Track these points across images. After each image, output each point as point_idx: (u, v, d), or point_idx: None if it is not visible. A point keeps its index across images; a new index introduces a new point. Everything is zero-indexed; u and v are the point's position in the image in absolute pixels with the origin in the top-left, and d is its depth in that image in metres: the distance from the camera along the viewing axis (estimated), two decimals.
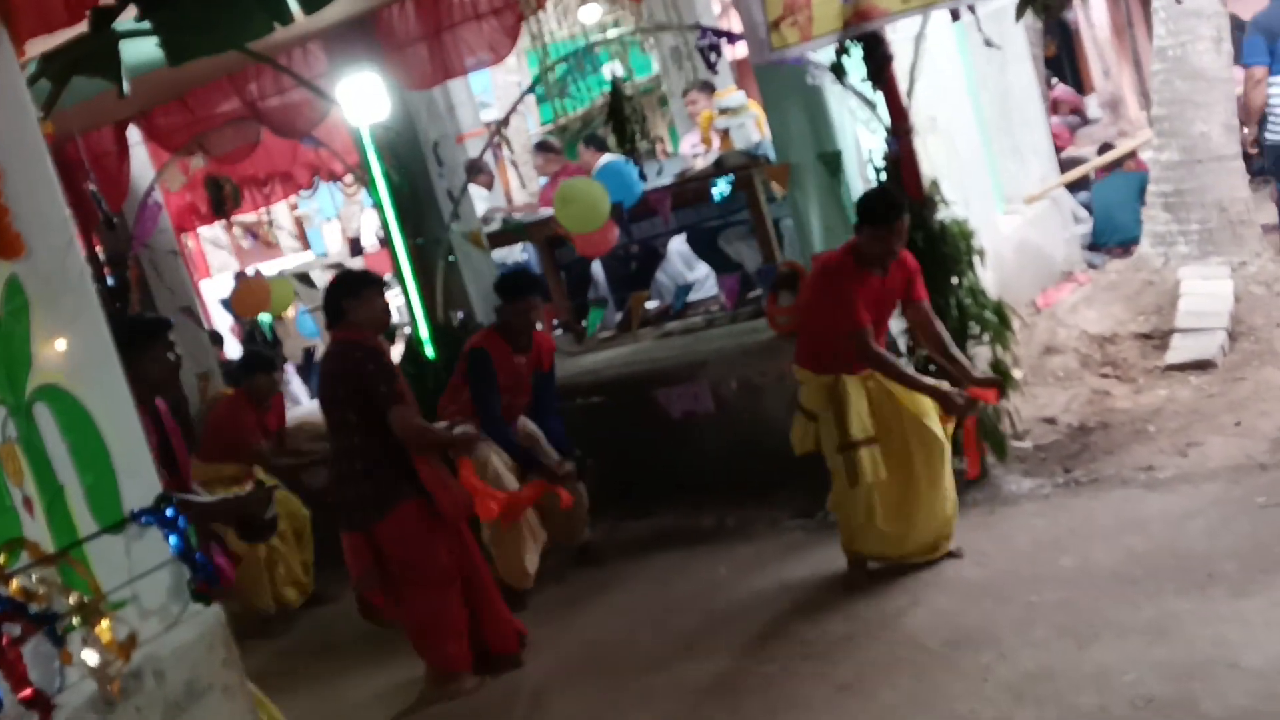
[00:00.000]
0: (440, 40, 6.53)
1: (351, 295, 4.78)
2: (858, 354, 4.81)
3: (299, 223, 22.59)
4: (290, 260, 16.04)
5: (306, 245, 22.55)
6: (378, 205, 7.02)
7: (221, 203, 7.75)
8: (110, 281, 8.12)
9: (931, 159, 6.34)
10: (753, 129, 7.20)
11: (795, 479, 6.30)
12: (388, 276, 7.60)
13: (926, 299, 5.02)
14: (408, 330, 7.22)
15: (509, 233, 7.61)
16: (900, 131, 5.60)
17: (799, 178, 5.95)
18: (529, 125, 13.74)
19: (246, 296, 8.14)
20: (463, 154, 10.99)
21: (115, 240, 8.14)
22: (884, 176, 5.66)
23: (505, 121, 6.71)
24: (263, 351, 6.58)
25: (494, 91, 14.27)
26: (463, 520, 5.01)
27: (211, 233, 15.21)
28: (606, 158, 8.45)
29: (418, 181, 6.97)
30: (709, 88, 7.87)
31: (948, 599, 4.72)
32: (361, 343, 4.78)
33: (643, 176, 6.41)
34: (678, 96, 9.61)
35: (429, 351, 6.99)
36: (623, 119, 6.09)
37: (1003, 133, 8.15)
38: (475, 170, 9.38)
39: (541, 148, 9.52)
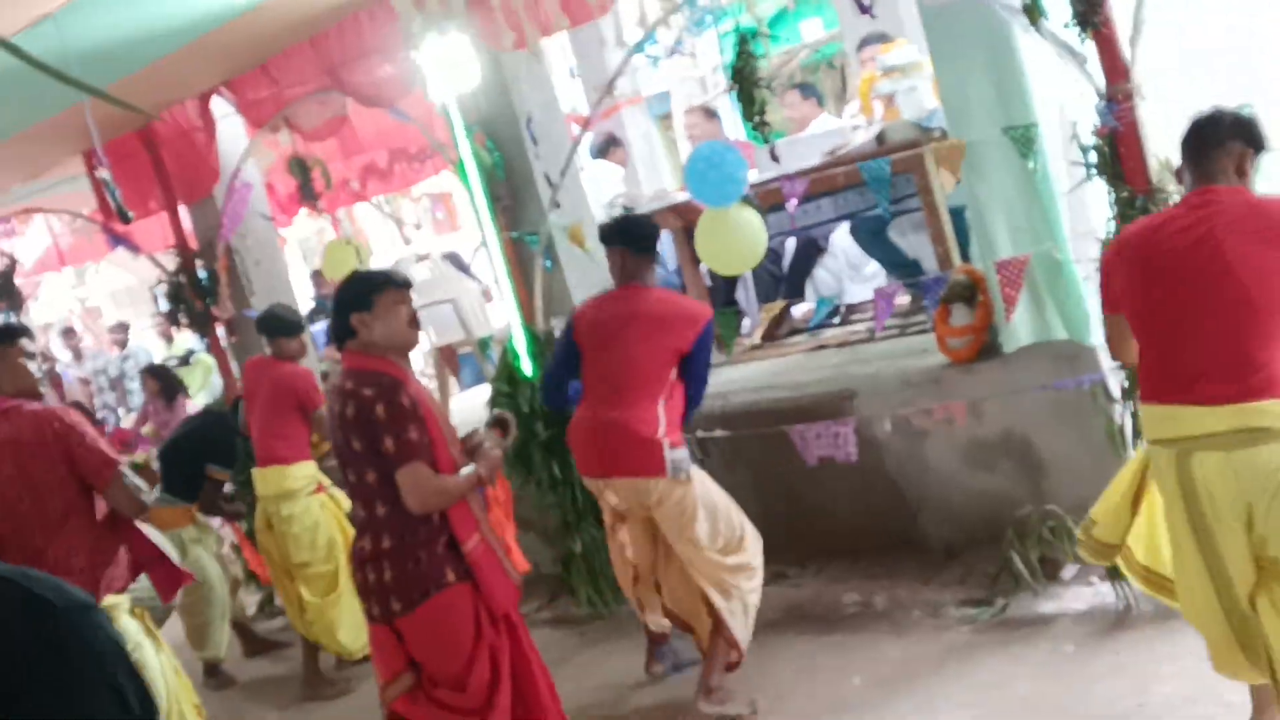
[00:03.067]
0: None
1: (360, 306, 3.58)
2: None
3: None
4: (452, 242, 15.10)
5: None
6: (469, 192, 5.88)
7: (309, 185, 6.77)
8: (201, 275, 7.30)
9: (1163, 132, 4.74)
10: (927, 94, 5.70)
11: (966, 553, 4.90)
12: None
13: None
14: (503, 341, 6.06)
15: None
16: (1119, 95, 4.05)
17: (978, 159, 4.48)
18: (698, 91, 12.38)
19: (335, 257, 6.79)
20: (618, 127, 9.84)
21: (205, 228, 7.30)
22: (1094, 157, 4.14)
23: (611, 83, 5.45)
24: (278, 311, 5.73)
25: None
26: (512, 611, 3.73)
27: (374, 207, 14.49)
28: (823, 117, 6.97)
29: (513, 164, 5.79)
30: (883, 40, 6.36)
31: None
32: (376, 374, 3.58)
33: (774, 157, 5.03)
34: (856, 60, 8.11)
35: (525, 367, 5.83)
36: (750, 83, 4.71)
37: (1256, 95, 6.35)
38: (609, 145, 8.17)
39: (698, 110, 8.09)
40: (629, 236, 4.44)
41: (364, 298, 3.50)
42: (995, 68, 4.34)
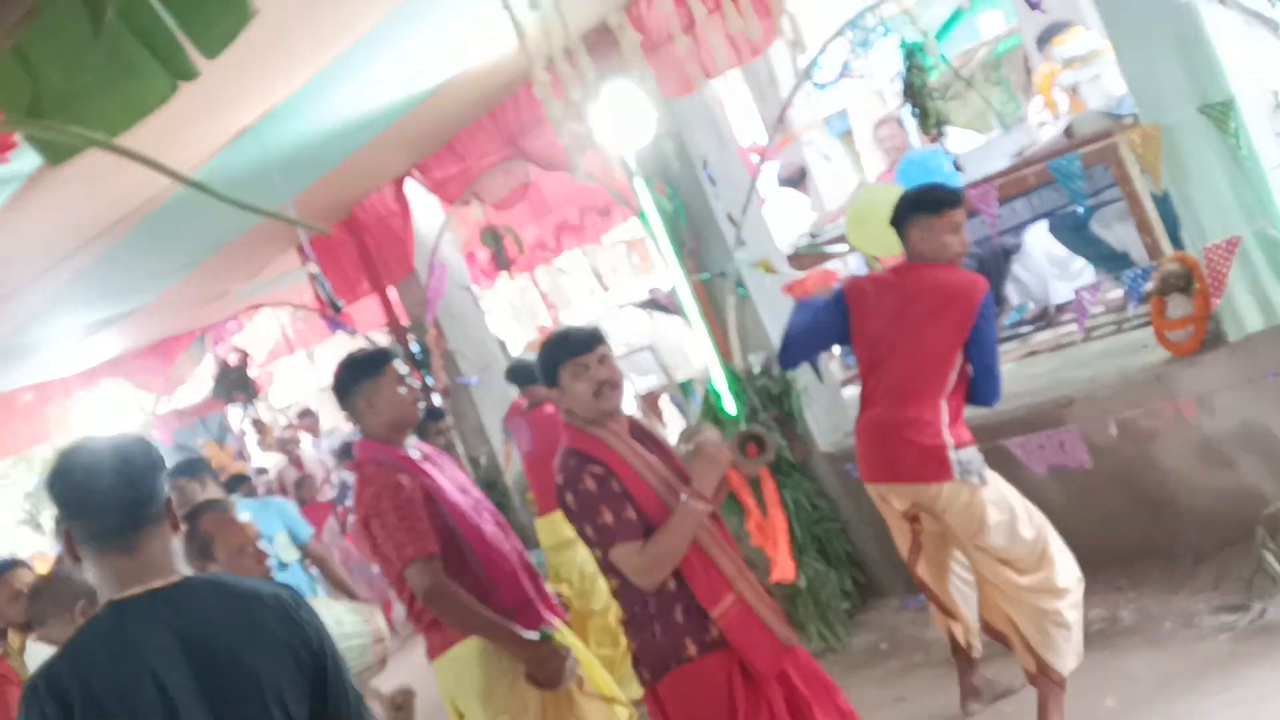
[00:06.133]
0: (695, 33, 5.35)
1: (549, 382, 3.42)
2: None
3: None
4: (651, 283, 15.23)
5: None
6: (653, 239, 5.96)
7: (502, 253, 6.99)
8: (414, 349, 7.62)
9: None
10: (1113, 80, 5.44)
11: (1215, 556, 4.61)
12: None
13: None
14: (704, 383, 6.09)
15: (806, 256, 6.27)
16: None
17: (1175, 141, 4.25)
18: (877, 104, 12.18)
19: None
20: (796, 154, 9.77)
21: (413, 304, 7.62)
22: None
23: (781, 116, 5.40)
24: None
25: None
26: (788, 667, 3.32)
27: (570, 260, 14.79)
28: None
29: (694, 208, 5.82)
30: (1059, 31, 6.13)
31: None
32: (568, 453, 3.37)
33: (957, 167, 4.90)
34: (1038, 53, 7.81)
35: (728, 406, 5.83)
36: (921, 95, 4.62)
37: None
38: (801, 178, 8.12)
39: (892, 121, 7.91)
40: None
41: (550, 374, 3.41)
42: (1182, 44, 4.12)
